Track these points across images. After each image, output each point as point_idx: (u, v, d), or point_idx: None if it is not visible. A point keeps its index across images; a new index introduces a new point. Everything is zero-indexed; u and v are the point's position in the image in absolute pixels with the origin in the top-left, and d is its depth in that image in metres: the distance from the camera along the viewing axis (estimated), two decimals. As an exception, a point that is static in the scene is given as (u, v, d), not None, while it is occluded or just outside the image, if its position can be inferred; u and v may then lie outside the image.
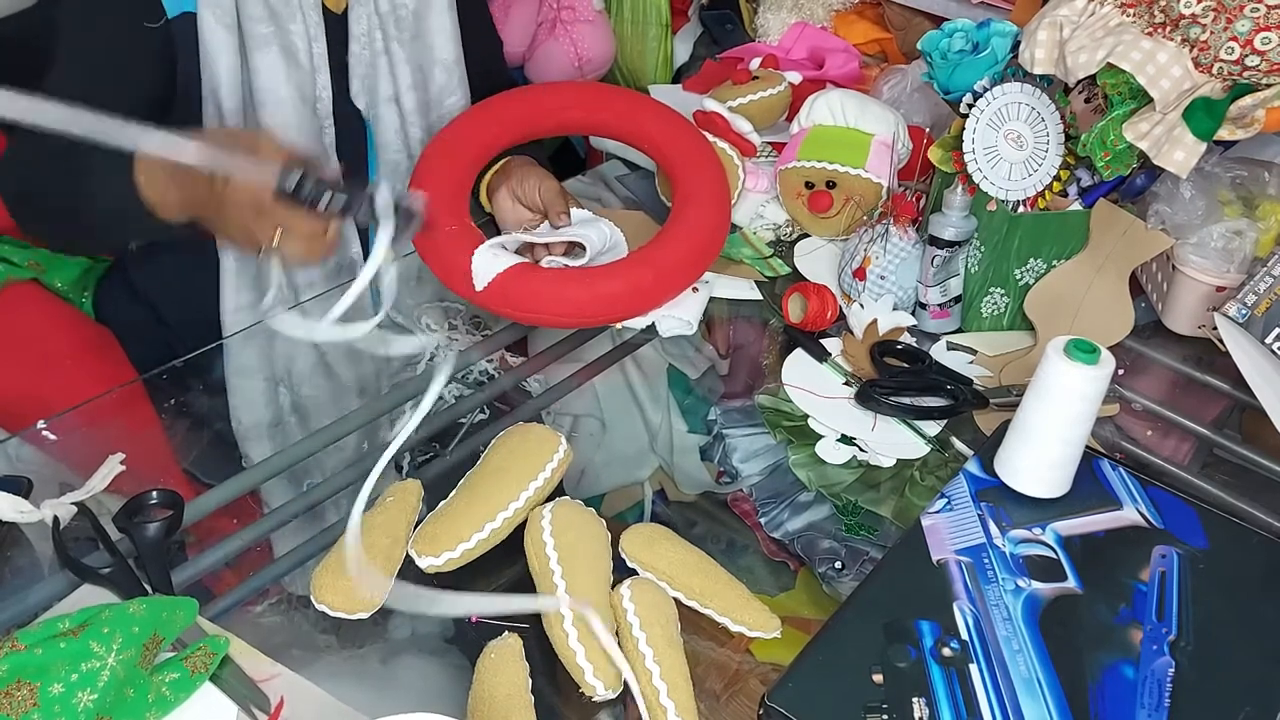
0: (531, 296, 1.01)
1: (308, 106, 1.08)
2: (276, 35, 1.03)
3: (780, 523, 0.88)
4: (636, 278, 1.04)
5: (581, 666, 0.71)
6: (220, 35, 1.01)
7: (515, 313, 1.02)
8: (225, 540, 0.84)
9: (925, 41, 1.11)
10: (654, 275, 1.05)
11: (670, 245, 1.07)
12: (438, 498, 0.84)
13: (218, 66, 1.02)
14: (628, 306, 1.05)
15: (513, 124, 1.16)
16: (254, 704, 0.68)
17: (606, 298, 1.02)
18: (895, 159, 1.18)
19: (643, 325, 1.08)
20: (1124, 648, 0.72)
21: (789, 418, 0.99)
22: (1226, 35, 0.87)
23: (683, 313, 1.08)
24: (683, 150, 1.16)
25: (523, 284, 1.01)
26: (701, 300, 1.10)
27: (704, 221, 1.09)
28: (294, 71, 1.06)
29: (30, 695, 0.61)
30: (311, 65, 1.07)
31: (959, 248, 1.06)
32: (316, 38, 1.07)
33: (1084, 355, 0.79)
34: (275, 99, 1.05)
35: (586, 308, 1.03)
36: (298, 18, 1.05)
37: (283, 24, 1.04)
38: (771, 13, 1.66)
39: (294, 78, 1.06)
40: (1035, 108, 1.03)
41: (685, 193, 1.11)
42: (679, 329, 1.08)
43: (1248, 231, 1.04)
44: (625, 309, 1.05)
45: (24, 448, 0.92)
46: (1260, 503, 0.91)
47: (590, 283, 1.03)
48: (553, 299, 1.01)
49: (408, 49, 1.14)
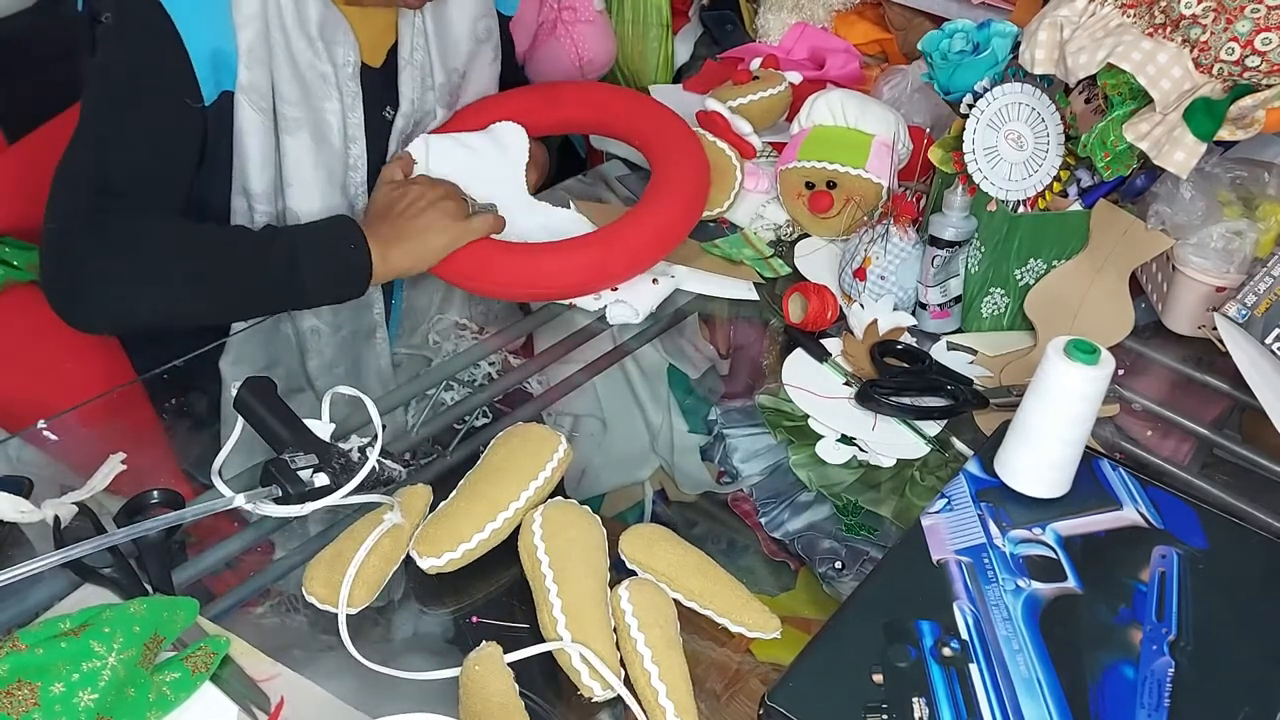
0: (478, 266, 1.05)
1: (335, 186, 1.08)
2: (308, 117, 1.03)
3: (780, 523, 0.89)
4: (587, 255, 1.06)
5: (578, 668, 0.71)
6: (254, 120, 1.00)
7: (464, 282, 1.08)
8: (226, 540, 0.84)
9: (925, 42, 1.11)
10: (604, 254, 1.06)
11: (628, 227, 1.08)
12: (438, 498, 0.84)
13: (249, 150, 1.01)
14: (574, 283, 1.07)
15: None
16: (254, 704, 0.68)
17: (553, 272, 1.06)
18: (895, 159, 1.18)
19: (593, 308, 1.10)
20: (1124, 648, 0.72)
21: (789, 418, 0.99)
22: (1227, 36, 0.87)
23: (635, 300, 1.09)
24: (663, 139, 1.17)
25: (470, 254, 1.05)
26: (659, 294, 1.11)
27: (668, 207, 1.10)
28: (324, 153, 1.05)
29: (31, 695, 0.61)
30: (345, 139, 1.08)
31: (959, 248, 1.06)
32: (353, 107, 1.07)
33: (1084, 355, 0.79)
34: (302, 181, 1.05)
35: (533, 280, 1.06)
36: (333, 94, 1.04)
37: (316, 104, 1.03)
38: (772, 13, 1.66)
39: (323, 160, 1.06)
40: (1035, 108, 1.03)
41: (657, 180, 1.13)
42: (626, 317, 1.09)
43: (1248, 232, 1.04)
44: (571, 286, 1.07)
45: (24, 448, 0.92)
46: (1260, 503, 0.91)
47: (538, 256, 1.06)
48: (500, 270, 1.05)
49: (448, 110, 1.18)
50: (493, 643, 0.73)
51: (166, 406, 1.00)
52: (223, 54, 0.97)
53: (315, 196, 1.06)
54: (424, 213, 1.04)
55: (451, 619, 0.79)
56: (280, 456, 0.83)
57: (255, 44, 0.98)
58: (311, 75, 1.02)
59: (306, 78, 1.02)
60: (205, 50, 0.96)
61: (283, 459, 0.83)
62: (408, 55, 1.10)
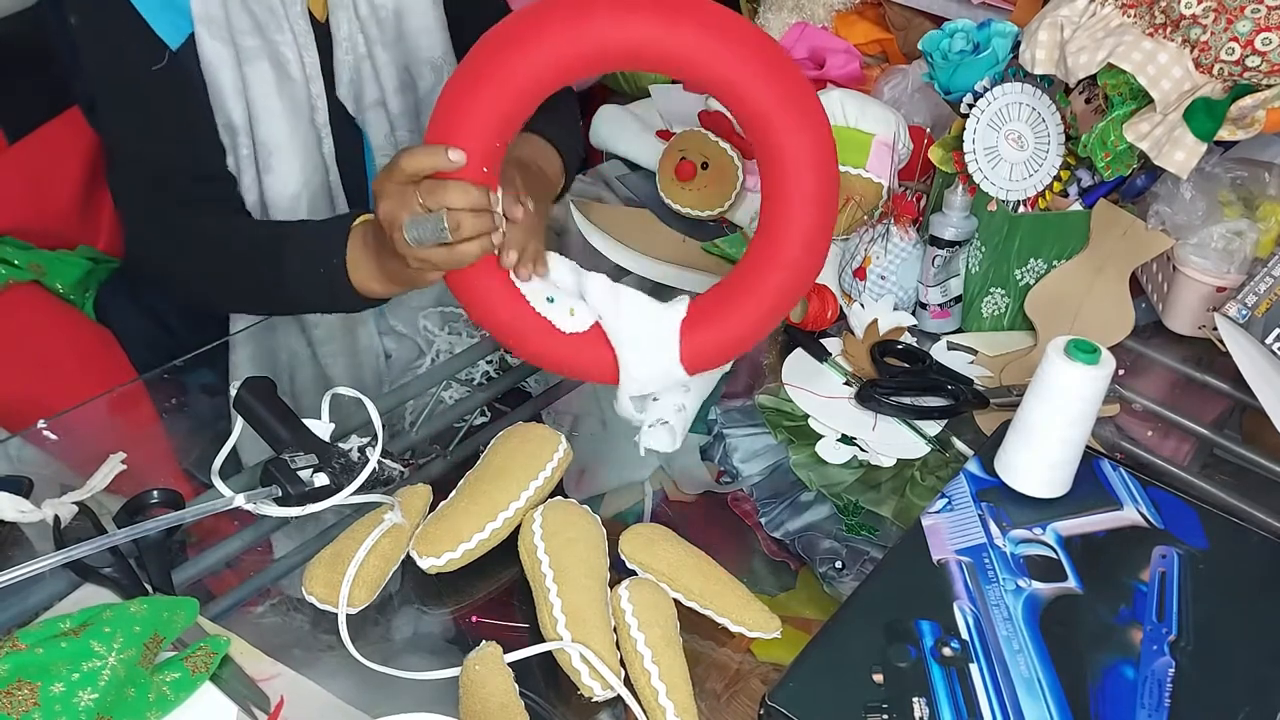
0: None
1: (302, 117, 1.07)
2: (264, 47, 1.02)
3: (780, 523, 0.88)
4: None
5: (578, 668, 0.71)
6: (218, 50, 1.00)
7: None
8: (226, 540, 0.84)
9: (926, 42, 1.11)
10: None
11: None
12: (438, 498, 0.84)
13: (221, 82, 1.01)
14: None
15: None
16: (254, 704, 0.68)
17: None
18: (896, 159, 1.18)
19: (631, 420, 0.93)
20: (1124, 648, 0.72)
21: (789, 418, 0.99)
22: (1227, 36, 0.87)
23: (678, 419, 0.92)
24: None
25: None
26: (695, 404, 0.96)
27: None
28: (286, 83, 1.04)
29: (31, 695, 0.61)
30: (305, 75, 1.06)
31: (959, 248, 1.06)
32: (306, 46, 1.05)
33: (1084, 355, 0.79)
34: (269, 112, 1.04)
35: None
36: (285, 27, 1.04)
37: (269, 35, 1.03)
38: (772, 13, 1.66)
39: (286, 89, 1.05)
40: (1036, 108, 1.03)
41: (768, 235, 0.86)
42: (663, 445, 0.92)
43: (1248, 232, 1.04)
44: None
45: (24, 448, 0.92)
46: (1260, 503, 0.91)
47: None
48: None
49: (391, 51, 1.12)
50: (493, 643, 0.73)
51: (166, 406, 1.00)
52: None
53: (284, 124, 1.05)
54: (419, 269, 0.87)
55: (451, 619, 0.79)
56: (280, 456, 0.83)
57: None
58: (259, 7, 1.02)
59: (255, 10, 1.02)
60: (155, 3, 0.97)
61: (283, 459, 0.83)
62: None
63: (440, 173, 0.81)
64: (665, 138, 1.35)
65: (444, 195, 0.80)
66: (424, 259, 0.83)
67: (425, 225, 0.80)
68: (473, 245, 0.82)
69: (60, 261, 1.24)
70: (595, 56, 0.79)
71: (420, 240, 0.80)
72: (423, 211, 0.81)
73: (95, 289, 1.25)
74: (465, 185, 0.80)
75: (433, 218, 0.80)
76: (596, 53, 0.79)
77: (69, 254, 1.25)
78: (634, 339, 0.86)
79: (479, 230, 0.81)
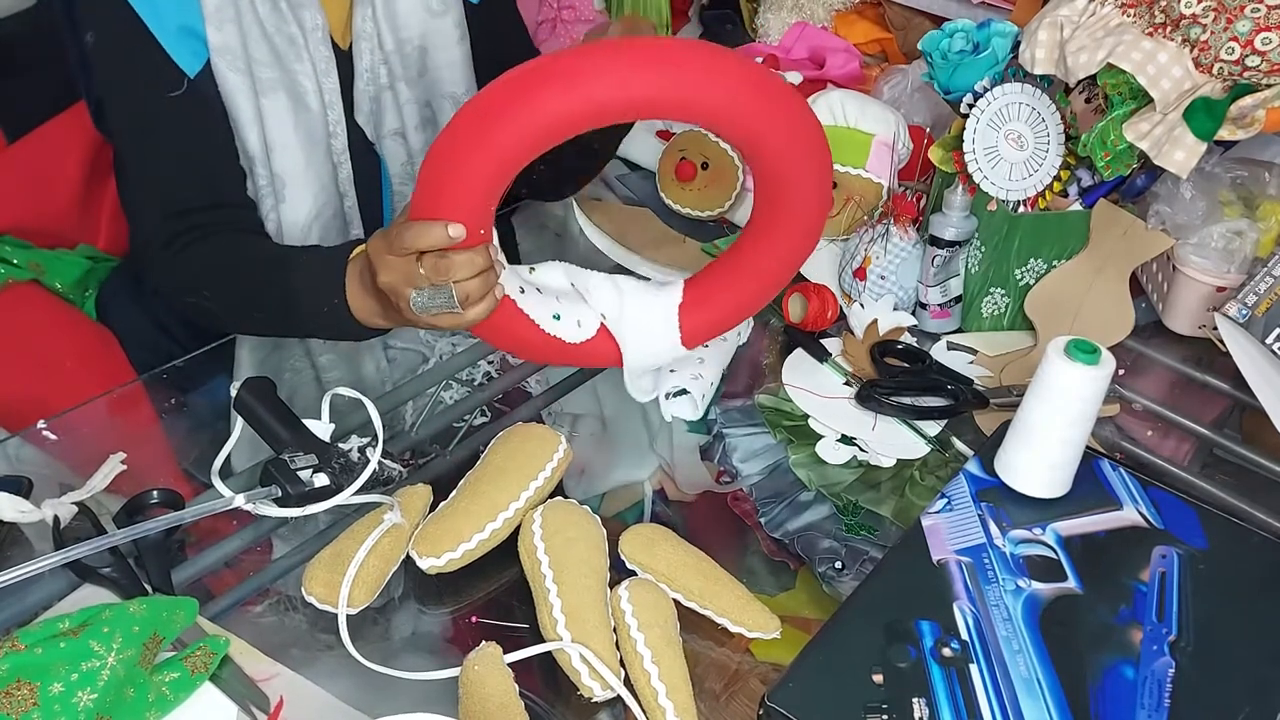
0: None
1: (318, 147, 1.07)
2: (282, 79, 1.02)
3: (780, 523, 0.88)
4: None
5: (578, 668, 0.71)
6: (235, 80, 1.00)
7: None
8: (225, 540, 0.84)
9: (926, 41, 1.11)
10: None
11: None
12: (438, 498, 0.84)
13: (238, 110, 1.01)
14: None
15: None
16: (254, 704, 0.68)
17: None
18: (896, 159, 1.18)
19: (644, 399, 0.99)
20: (1124, 648, 0.72)
21: (789, 418, 0.99)
22: (1227, 35, 0.87)
23: (696, 386, 0.99)
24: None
25: None
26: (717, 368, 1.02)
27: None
28: (303, 114, 1.04)
29: (30, 695, 0.61)
30: (323, 104, 1.06)
31: (959, 248, 1.06)
32: (326, 74, 1.05)
33: (1084, 355, 0.79)
34: (284, 144, 1.04)
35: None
36: (304, 56, 1.03)
37: (288, 65, 1.02)
38: (772, 13, 1.66)
39: (303, 121, 1.04)
40: (1035, 108, 1.03)
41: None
42: (686, 413, 1.00)
43: (1248, 232, 1.04)
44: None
45: (24, 448, 0.93)
46: (1260, 503, 0.91)
47: None
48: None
49: (415, 88, 1.12)
50: (493, 643, 0.73)
51: (166, 406, 1.00)
52: (191, 28, 0.98)
53: (299, 157, 1.05)
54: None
55: (451, 619, 0.79)
56: (280, 457, 0.83)
57: (222, 3, 0.98)
58: (280, 38, 1.02)
59: (275, 40, 1.01)
60: (171, 27, 0.97)
61: (283, 459, 0.83)
62: (359, 25, 1.08)
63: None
64: (665, 138, 1.35)
65: (451, 271, 0.80)
66: (432, 324, 0.84)
67: (435, 299, 0.81)
68: (480, 307, 0.83)
69: (60, 261, 1.24)
70: (588, 117, 0.77)
71: (428, 310, 0.82)
72: (427, 283, 0.81)
73: (95, 288, 1.25)
74: (470, 256, 0.80)
75: (442, 291, 0.81)
76: (590, 114, 0.77)
77: (68, 253, 1.25)
78: (636, 320, 0.93)
79: (485, 291, 0.82)
